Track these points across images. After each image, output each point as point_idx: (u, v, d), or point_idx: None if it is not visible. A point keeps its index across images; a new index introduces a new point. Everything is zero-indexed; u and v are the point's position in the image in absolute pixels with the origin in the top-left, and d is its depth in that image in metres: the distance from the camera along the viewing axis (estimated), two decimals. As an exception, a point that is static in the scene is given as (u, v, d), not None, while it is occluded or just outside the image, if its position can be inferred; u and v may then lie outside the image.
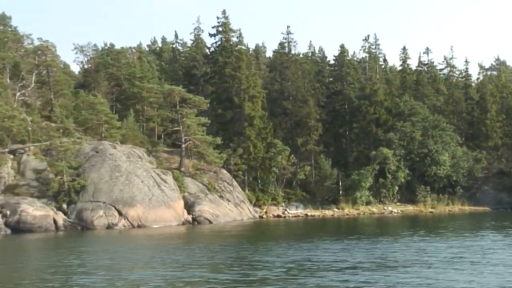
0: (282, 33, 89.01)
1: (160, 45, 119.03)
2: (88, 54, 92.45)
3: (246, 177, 75.01)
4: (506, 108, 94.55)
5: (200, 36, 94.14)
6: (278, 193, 75.42)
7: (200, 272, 23.29)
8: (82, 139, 59.25)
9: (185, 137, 69.17)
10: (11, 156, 60.12)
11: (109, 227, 52.99)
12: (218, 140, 68.98)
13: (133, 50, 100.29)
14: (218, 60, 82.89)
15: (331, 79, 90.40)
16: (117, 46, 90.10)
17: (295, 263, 25.23)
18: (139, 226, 54.13)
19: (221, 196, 66.95)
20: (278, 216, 72.10)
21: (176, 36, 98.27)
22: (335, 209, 75.77)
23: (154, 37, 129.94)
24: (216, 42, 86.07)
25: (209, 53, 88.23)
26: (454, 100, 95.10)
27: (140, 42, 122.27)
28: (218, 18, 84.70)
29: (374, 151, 76.93)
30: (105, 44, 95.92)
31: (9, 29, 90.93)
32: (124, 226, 53.70)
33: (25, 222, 50.92)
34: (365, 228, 53.87)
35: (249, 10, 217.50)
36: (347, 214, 74.29)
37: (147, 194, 56.63)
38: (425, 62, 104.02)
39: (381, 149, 76.27)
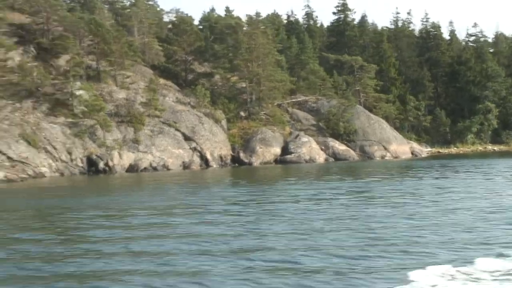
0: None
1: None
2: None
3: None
4: None
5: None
6: (411, 136, 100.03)
7: None
8: (353, 101, 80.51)
9: (363, 94, 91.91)
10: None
11: (382, 157, 75.59)
12: (391, 97, 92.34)
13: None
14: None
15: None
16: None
17: None
18: (396, 157, 77.07)
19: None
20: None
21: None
22: (453, 148, 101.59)
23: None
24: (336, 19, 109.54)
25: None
26: None
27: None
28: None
29: (481, 104, 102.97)
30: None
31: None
32: (389, 157, 76.51)
33: (338, 154, 72.49)
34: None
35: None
36: (463, 152, 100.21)
37: (392, 135, 79.60)
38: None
39: (487, 103, 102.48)
